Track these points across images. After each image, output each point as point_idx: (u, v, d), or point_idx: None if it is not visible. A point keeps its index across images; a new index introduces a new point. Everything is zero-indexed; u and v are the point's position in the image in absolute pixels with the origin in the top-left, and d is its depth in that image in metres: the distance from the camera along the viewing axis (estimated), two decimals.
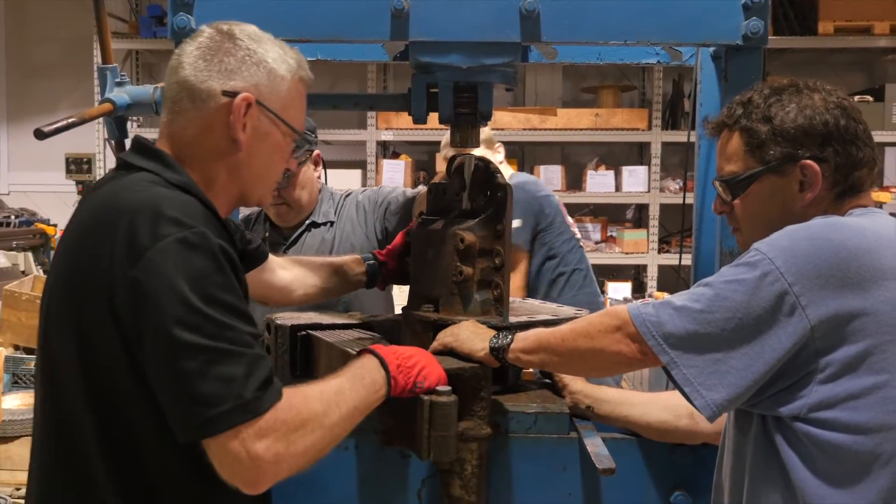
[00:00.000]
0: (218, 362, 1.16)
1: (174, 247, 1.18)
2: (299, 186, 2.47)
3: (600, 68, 5.97)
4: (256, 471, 1.18)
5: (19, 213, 5.91)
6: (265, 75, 1.38)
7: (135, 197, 1.25)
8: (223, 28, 1.40)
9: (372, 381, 1.38)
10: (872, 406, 1.24)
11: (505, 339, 1.55)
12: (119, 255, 1.20)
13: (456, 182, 1.81)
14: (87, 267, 1.24)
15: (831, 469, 1.26)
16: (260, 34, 1.42)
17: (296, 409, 1.22)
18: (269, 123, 1.39)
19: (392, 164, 5.71)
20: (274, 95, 1.39)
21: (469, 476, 1.57)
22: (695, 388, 1.28)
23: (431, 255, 1.75)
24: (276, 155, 1.44)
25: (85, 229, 1.29)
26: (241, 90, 1.35)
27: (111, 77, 1.87)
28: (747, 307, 1.25)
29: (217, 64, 1.36)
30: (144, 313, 1.17)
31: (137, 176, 1.33)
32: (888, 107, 5.39)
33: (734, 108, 1.45)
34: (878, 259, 1.26)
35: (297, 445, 1.21)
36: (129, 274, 1.18)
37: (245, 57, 1.37)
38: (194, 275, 1.18)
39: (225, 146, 1.37)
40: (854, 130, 1.37)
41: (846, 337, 1.24)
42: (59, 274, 1.32)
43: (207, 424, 1.15)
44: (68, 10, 6.38)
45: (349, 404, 1.31)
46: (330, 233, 2.53)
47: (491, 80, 1.76)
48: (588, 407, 1.70)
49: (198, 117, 1.36)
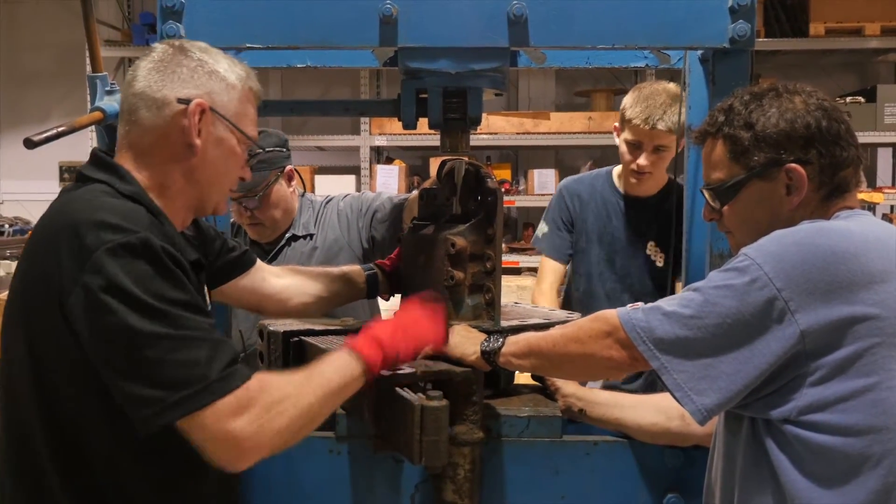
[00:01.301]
0: (179, 349, 1.20)
1: (119, 251, 1.22)
2: (272, 206, 2.45)
3: (593, 72, 5.99)
4: (236, 448, 1.23)
5: (13, 222, 5.90)
6: (217, 83, 1.44)
7: (81, 207, 1.31)
8: (175, 43, 1.47)
9: (346, 363, 1.40)
10: (862, 408, 1.24)
11: (496, 343, 1.55)
12: (67, 262, 1.24)
13: (446, 187, 1.82)
14: (38, 275, 1.30)
15: (821, 471, 1.26)
16: (210, 48, 1.48)
17: (268, 389, 1.26)
18: (223, 129, 1.45)
19: (386, 169, 5.71)
20: (227, 103, 1.45)
21: (462, 480, 1.57)
22: (685, 393, 1.29)
23: (423, 260, 1.75)
24: (230, 160, 1.48)
25: (37, 239, 1.35)
26: (195, 97, 1.41)
27: (101, 85, 1.87)
28: (736, 313, 1.26)
29: (171, 74, 1.41)
30: (97, 315, 1.21)
31: (90, 187, 1.38)
32: (880, 107, 5.39)
33: (716, 116, 1.45)
34: (866, 262, 1.26)
35: (273, 423, 1.24)
36: (80, 279, 1.22)
37: (197, 67, 1.43)
38: (141, 277, 1.22)
39: (181, 152, 1.42)
40: (836, 131, 1.38)
41: (836, 340, 1.24)
42: (15, 285, 1.37)
43: (173, 409, 1.19)
44: (60, 18, 6.37)
45: (324, 386, 1.34)
46: (310, 244, 2.51)
47: (480, 85, 1.76)
48: (580, 410, 1.70)
49: (154, 125, 1.41)
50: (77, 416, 1.29)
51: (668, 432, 1.65)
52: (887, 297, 1.25)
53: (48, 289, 1.26)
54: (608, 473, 1.70)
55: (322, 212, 2.55)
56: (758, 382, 1.27)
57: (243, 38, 1.71)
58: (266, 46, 1.72)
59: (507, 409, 1.72)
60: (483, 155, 5.96)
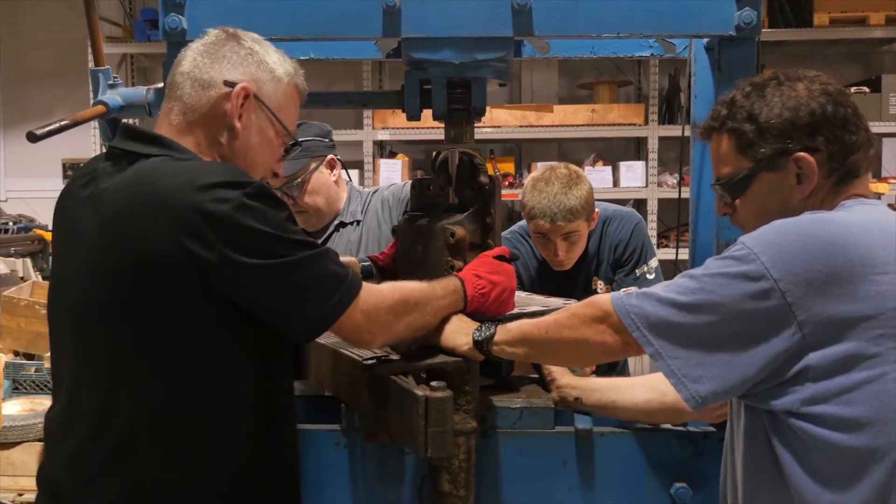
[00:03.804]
0: (314, 267, 1.36)
1: (244, 206, 1.30)
2: (312, 192, 2.49)
3: (596, 64, 5.97)
4: (371, 330, 1.45)
5: (17, 220, 5.90)
6: (265, 73, 1.47)
7: (173, 175, 1.33)
8: (229, 30, 1.50)
9: (455, 289, 1.59)
10: (865, 400, 1.22)
11: (488, 332, 1.54)
12: (187, 236, 1.28)
13: (441, 177, 1.81)
14: (135, 257, 1.30)
15: (826, 465, 1.25)
16: (262, 40, 1.52)
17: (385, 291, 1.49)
18: (264, 119, 1.47)
19: (389, 163, 5.69)
20: (271, 94, 1.48)
21: (457, 470, 1.57)
22: (679, 379, 1.28)
23: (420, 251, 1.74)
24: (266, 151, 1.50)
25: (124, 220, 1.32)
26: (241, 81, 1.44)
27: (104, 79, 1.87)
28: (732, 302, 1.25)
29: (221, 59, 1.45)
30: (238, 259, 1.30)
31: (151, 162, 1.37)
32: (885, 97, 5.37)
33: (719, 111, 1.44)
34: (867, 253, 1.24)
35: (399, 320, 1.49)
36: (216, 247, 1.28)
37: (247, 55, 1.47)
38: (271, 219, 1.32)
39: (221, 133, 1.44)
40: (843, 115, 1.36)
41: (837, 333, 1.22)
42: (85, 267, 1.36)
43: (333, 312, 1.38)
44: (62, 16, 6.36)
45: (435, 300, 1.55)
46: (356, 231, 2.54)
47: (484, 75, 1.75)
48: (577, 399, 1.71)
49: (197, 103, 1.43)
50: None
51: (662, 408, 1.64)
52: (889, 287, 1.23)
53: (159, 267, 1.29)
54: (615, 464, 1.69)
55: (369, 200, 2.59)
56: (759, 376, 1.25)
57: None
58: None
59: (500, 400, 1.72)
60: (486, 148, 5.94)
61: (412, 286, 1.56)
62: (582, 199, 2.52)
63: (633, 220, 2.77)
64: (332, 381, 1.73)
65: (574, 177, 2.56)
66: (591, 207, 2.59)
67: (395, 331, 1.50)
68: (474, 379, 1.61)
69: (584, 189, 2.55)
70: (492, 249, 1.69)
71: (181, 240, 1.27)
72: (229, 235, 1.28)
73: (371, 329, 1.45)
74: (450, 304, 1.58)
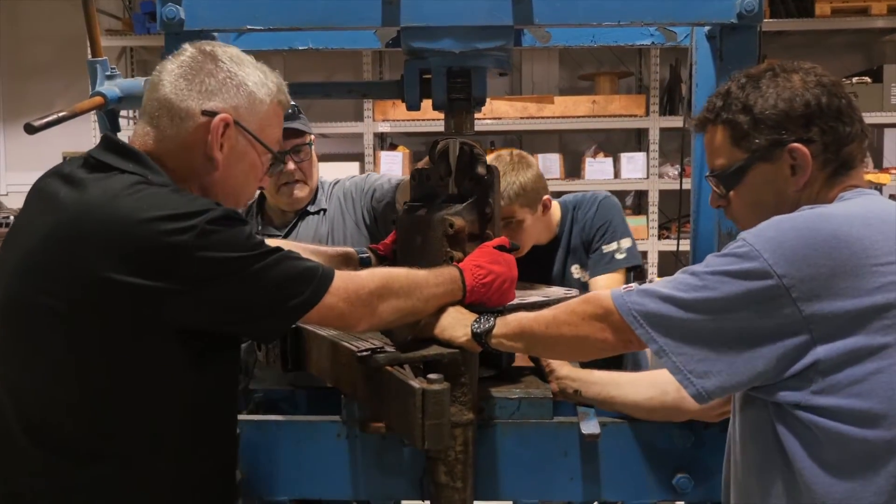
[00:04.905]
0: (285, 266, 1.35)
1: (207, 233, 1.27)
2: (312, 164, 2.46)
3: (597, 55, 5.95)
4: (354, 314, 1.44)
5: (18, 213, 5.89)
6: (245, 98, 1.43)
7: (133, 205, 1.28)
8: (206, 49, 1.44)
9: (452, 279, 1.58)
10: (877, 392, 1.20)
11: (487, 324, 1.54)
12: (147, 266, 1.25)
13: (441, 167, 1.80)
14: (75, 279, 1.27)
15: (837, 457, 1.23)
16: (242, 57, 1.46)
17: (365, 277, 1.49)
18: (245, 143, 1.44)
19: (389, 155, 5.68)
20: (252, 117, 1.44)
21: (453, 462, 1.57)
22: (685, 376, 1.27)
23: (420, 242, 1.73)
24: (251, 174, 1.48)
25: (74, 230, 1.29)
26: (220, 110, 1.39)
27: (101, 70, 1.86)
28: (736, 300, 1.24)
29: (198, 84, 1.39)
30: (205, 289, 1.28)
31: (122, 178, 1.33)
32: (887, 87, 5.34)
33: (714, 102, 1.43)
34: (870, 246, 1.23)
35: (382, 303, 1.48)
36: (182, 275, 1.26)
37: (226, 79, 1.41)
38: (233, 241, 1.30)
39: (201, 164, 1.41)
40: (837, 106, 1.35)
41: (844, 326, 1.21)
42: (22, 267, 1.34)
43: (306, 304, 1.37)
44: (61, 9, 6.34)
45: (426, 287, 1.54)
46: (323, 222, 2.52)
47: (484, 64, 1.74)
48: (576, 391, 1.70)
49: (176, 135, 1.39)
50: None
51: (663, 406, 1.64)
52: (892, 277, 1.21)
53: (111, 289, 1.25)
54: (617, 455, 1.69)
55: (331, 192, 2.57)
56: (766, 372, 1.24)
57: (244, 20, 1.70)
58: (267, 28, 1.70)
59: (498, 391, 1.71)
60: (487, 140, 5.93)
61: (398, 271, 1.55)
62: (517, 185, 2.34)
63: (597, 199, 2.62)
64: (331, 373, 1.73)
65: (516, 161, 2.39)
66: (535, 195, 2.40)
67: (379, 314, 1.48)
68: (471, 370, 1.61)
69: (524, 176, 2.37)
70: (491, 240, 1.68)
71: (140, 270, 1.24)
72: (195, 267, 1.26)
73: (354, 313, 1.44)
74: (445, 294, 1.57)
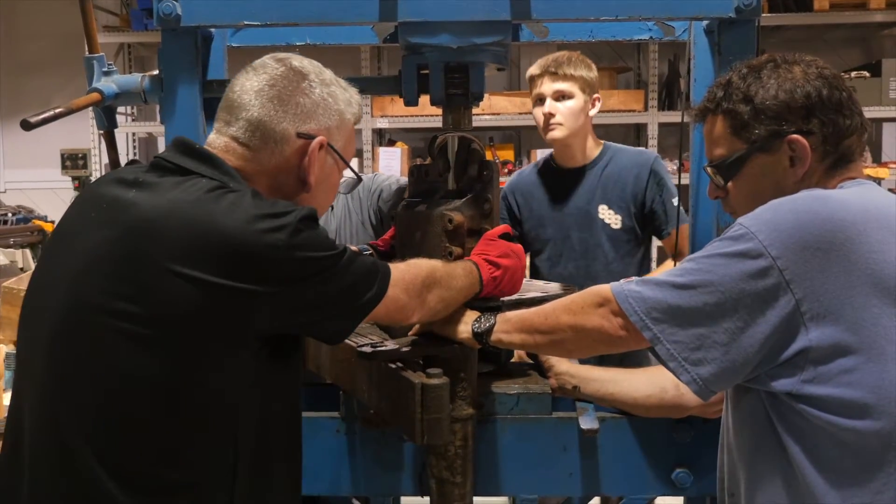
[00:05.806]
0: (357, 263, 1.33)
1: (295, 234, 1.23)
2: None
3: (595, 50, 5.93)
4: (410, 305, 1.43)
5: (16, 211, 5.89)
6: (335, 118, 1.41)
7: (230, 206, 1.23)
8: (291, 63, 1.40)
9: (472, 272, 1.58)
10: (863, 382, 1.20)
11: (488, 323, 1.54)
12: (236, 273, 1.20)
13: (440, 162, 1.79)
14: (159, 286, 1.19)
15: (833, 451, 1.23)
16: (326, 73, 1.44)
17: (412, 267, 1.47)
18: (332, 164, 1.44)
19: (388, 151, 5.68)
20: (340, 136, 1.43)
21: (453, 457, 1.57)
22: (679, 363, 1.27)
23: (419, 238, 1.73)
24: (330, 192, 1.49)
25: (156, 232, 1.22)
26: (315, 133, 1.38)
27: (98, 66, 1.85)
28: (730, 282, 1.24)
29: (293, 106, 1.37)
30: (302, 273, 1.25)
31: (196, 181, 1.28)
32: (885, 82, 5.34)
33: (714, 92, 1.43)
34: (864, 231, 1.23)
35: (430, 293, 1.47)
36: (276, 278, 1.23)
37: (321, 101, 1.39)
38: (317, 242, 1.27)
39: (293, 184, 1.39)
40: (838, 99, 1.35)
41: (834, 311, 1.21)
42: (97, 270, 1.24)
43: (374, 299, 1.34)
44: (58, 6, 6.34)
45: (458, 278, 1.53)
46: (329, 221, 2.52)
47: (482, 59, 1.73)
48: (574, 387, 1.70)
49: (270, 157, 1.36)
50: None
51: (662, 404, 1.64)
52: (885, 266, 1.21)
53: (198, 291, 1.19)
54: (616, 450, 1.69)
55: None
56: (758, 355, 1.24)
57: (241, 16, 1.69)
58: (264, 24, 1.70)
59: (497, 386, 1.71)
60: (486, 135, 5.93)
61: (433, 262, 1.54)
62: (581, 69, 2.60)
63: (653, 154, 2.78)
64: (331, 369, 1.73)
65: (583, 57, 2.64)
66: (592, 82, 2.64)
67: (428, 304, 1.47)
68: (471, 366, 1.61)
69: (588, 68, 2.63)
70: (492, 230, 1.68)
71: (234, 272, 1.20)
72: (289, 267, 1.23)
73: (410, 304, 1.44)
74: (468, 286, 1.56)
